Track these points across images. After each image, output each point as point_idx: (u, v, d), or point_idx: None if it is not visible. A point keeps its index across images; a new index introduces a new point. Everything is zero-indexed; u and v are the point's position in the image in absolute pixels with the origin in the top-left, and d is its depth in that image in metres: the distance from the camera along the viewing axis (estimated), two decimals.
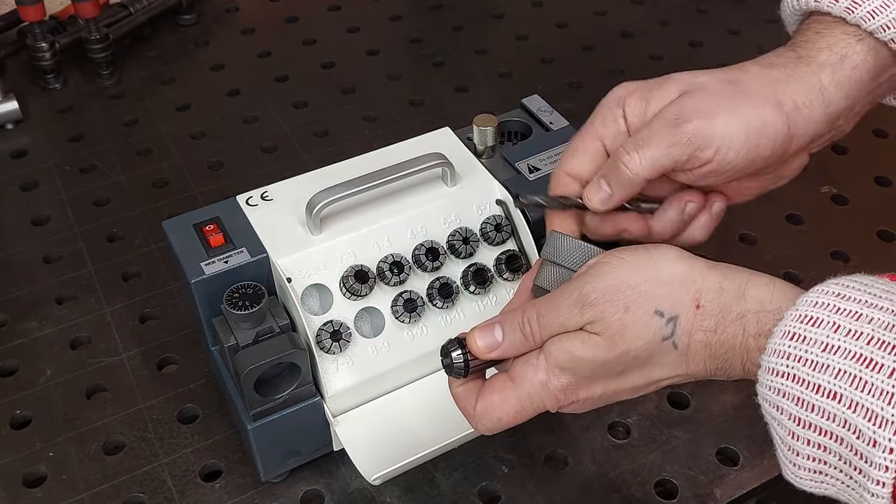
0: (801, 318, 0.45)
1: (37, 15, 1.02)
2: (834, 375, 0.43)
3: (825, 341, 0.44)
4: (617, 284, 0.50)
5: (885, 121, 1.01)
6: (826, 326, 0.44)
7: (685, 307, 0.49)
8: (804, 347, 0.44)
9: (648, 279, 0.50)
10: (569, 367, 0.51)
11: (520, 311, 0.53)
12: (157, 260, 0.87)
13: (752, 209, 0.91)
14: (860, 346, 0.43)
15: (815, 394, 0.43)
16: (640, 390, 0.53)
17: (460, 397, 0.55)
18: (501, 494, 0.68)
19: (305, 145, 1.00)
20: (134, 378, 0.76)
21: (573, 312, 0.50)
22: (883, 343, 0.42)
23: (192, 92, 1.08)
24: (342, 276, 0.64)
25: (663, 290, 0.50)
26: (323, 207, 0.63)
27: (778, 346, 0.45)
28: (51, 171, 0.97)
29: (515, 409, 0.53)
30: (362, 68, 1.11)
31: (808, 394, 0.44)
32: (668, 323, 0.49)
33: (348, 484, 0.69)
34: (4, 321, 0.82)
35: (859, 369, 0.42)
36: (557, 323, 0.51)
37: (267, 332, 0.61)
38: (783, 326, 0.45)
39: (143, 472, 0.70)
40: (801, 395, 0.44)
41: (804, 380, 0.44)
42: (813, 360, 0.44)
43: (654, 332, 0.49)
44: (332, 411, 0.65)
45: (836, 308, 0.45)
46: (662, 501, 0.67)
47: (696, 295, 0.49)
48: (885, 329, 0.43)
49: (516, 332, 0.52)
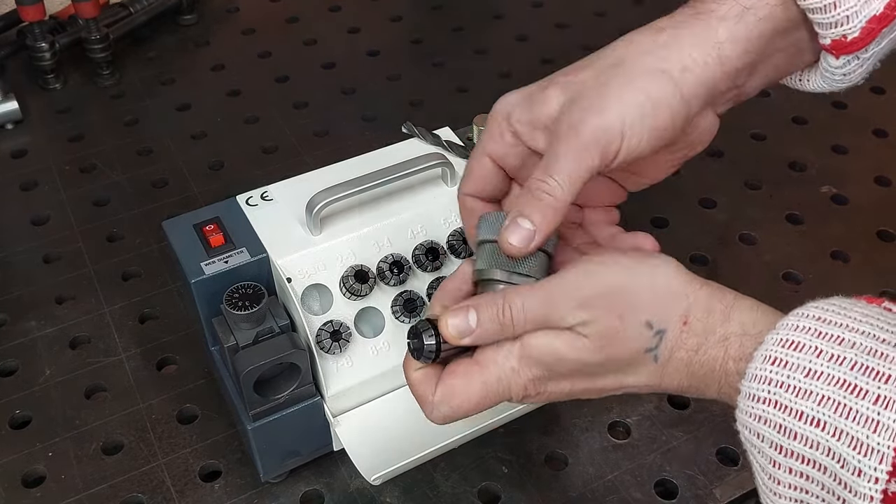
0: (782, 342, 0.44)
1: (37, 15, 1.02)
2: (817, 402, 0.42)
3: (807, 366, 0.42)
4: (615, 290, 0.49)
5: (885, 121, 1.01)
6: (808, 351, 0.43)
7: (674, 322, 0.49)
8: (786, 372, 0.43)
9: (646, 289, 0.49)
10: (547, 361, 0.50)
11: (499, 298, 0.50)
12: (157, 260, 0.87)
13: (751, 209, 0.91)
14: (843, 372, 0.41)
15: (798, 420, 0.42)
16: (608, 392, 0.52)
17: (418, 382, 0.52)
18: (501, 495, 0.68)
19: (305, 145, 1.00)
20: (133, 378, 0.76)
21: (567, 310, 0.49)
22: (867, 368, 0.41)
23: (192, 92, 1.08)
24: (342, 276, 0.64)
25: (658, 303, 0.49)
26: (323, 207, 0.63)
27: (759, 370, 0.44)
28: (51, 170, 0.97)
29: (479, 395, 0.51)
30: (362, 68, 1.11)
31: (791, 420, 0.42)
32: (655, 335, 0.49)
33: (348, 484, 0.69)
34: (4, 321, 0.82)
35: (843, 395, 0.41)
36: (545, 317, 0.49)
37: (267, 333, 0.61)
38: (764, 351, 0.44)
39: (143, 472, 0.70)
40: (783, 421, 0.43)
41: (786, 406, 0.43)
42: (795, 386, 0.42)
43: (641, 342, 0.49)
44: (332, 411, 0.65)
45: (818, 332, 0.43)
46: (662, 502, 0.67)
47: (686, 312, 0.48)
48: (869, 354, 0.41)
49: (493, 322, 0.50)
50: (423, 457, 0.63)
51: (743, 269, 0.85)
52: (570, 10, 1.20)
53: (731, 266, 0.85)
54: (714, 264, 0.85)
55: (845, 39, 0.53)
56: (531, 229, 0.50)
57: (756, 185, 0.94)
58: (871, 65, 0.55)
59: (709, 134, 0.58)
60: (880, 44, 0.54)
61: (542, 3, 1.22)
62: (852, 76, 0.56)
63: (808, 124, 1.02)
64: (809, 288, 0.83)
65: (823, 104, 1.04)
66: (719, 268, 0.85)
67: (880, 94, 1.06)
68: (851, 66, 0.55)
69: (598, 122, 0.51)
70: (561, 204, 0.51)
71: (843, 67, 0.55)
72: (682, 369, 0.49)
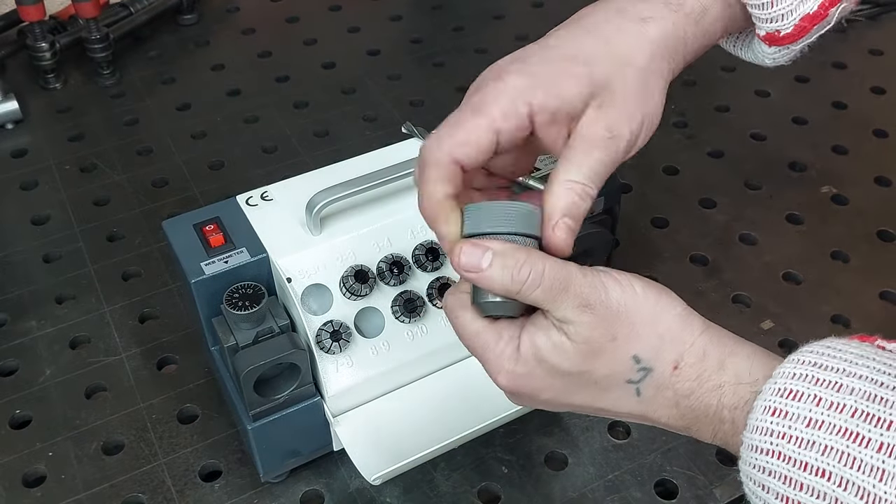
0: (781, 391, 0.44)
1: (37, 15, 1.02)
2: (821, 452, 0.41)
3: (808, 416, 0.42)
4: (619, 312, 0.48)
5: (885, 121, 1.01)
6: (807, 400, 0.43)
7: (663, 365, 0.48)
8: (787, 423, 0.43)
9: (647, 323, 0.49)
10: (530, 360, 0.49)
11: (523, 254, 0.48)
12: (157, 260, 0.87)
13: (751, 209, 0.91)
14: (845, 420, 0.41)
15: (803, 472, 0.42)
16: (583, 410, 0.52)
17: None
18: (501, 494, 0.68)
19: (305, 145, 1.00)
20: (133, 378, 0.76)
21: (571, 304, 0.48)
22: (868, 416, 0.41)
23: (192, 92, 1.08)
24: (342, 276, 0.64)
25: (653, 342, 0.48)
26: (323, 207, 0.63)
27: (760, 422, 0.44)
28: (51, 170, 0.97)
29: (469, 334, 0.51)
30: (362, 68, 1.11)
31: (796, 472, 0.42)
32: (640, 370, 0.48)
33: (348, 484, 0.69)
34: (4, 321, 0.82)
35: (847, 444, 0.41)
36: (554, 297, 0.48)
37: (267, 333, 0.61)
38: (763, 401, 0.44)
39: (143, 471, 0.70)
40: (788, 473, 0.42)
41: (790, 457, 0.42)
42: (798, 437, 0.42)
43: (623, 370, 0.49)
44: (332, 411, 0.65)
45: (815, 379, 0.43)
46: (662, 502, 0.67)
47: (679, 357, 0.48)
48: (868, 400, 0.41)
49: (506, 272, 0.48)
50: (423, 457, 0.63)
51: (743, 269, 0.85)
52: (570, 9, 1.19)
53: (731, 266, 0.85)
54: (714, 264, 0.85)
55: (778, 34, 0.57)
56: (575, 229, 0.51)
57: (756, 186, 0.94)
58: (798, 52, 0.60)
59: None
60: (811, 38, 0.58)
61: (542, 3, 1.22)
62: (780, 60, 0.61)
63: (808, 124, 1.02)
64: (809, 288, 0.83)
65: (823, 104, 1.04)
66: (719, 268, 0.85)
67: (880, 95, 1.06)
68: (781, 54, 0.60)
69: (631, 129, 0.52)
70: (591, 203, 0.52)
71: (773, 54, 0.60)
72: (669, 409, 0.49)
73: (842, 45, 1.13)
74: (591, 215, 0.72)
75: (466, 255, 0.49)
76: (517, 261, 0.48)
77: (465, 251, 0.49)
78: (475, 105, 0.52)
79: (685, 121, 1.02)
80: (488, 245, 0.49)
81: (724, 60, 1.09)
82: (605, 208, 0.73)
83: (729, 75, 1.08)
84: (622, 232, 0.78)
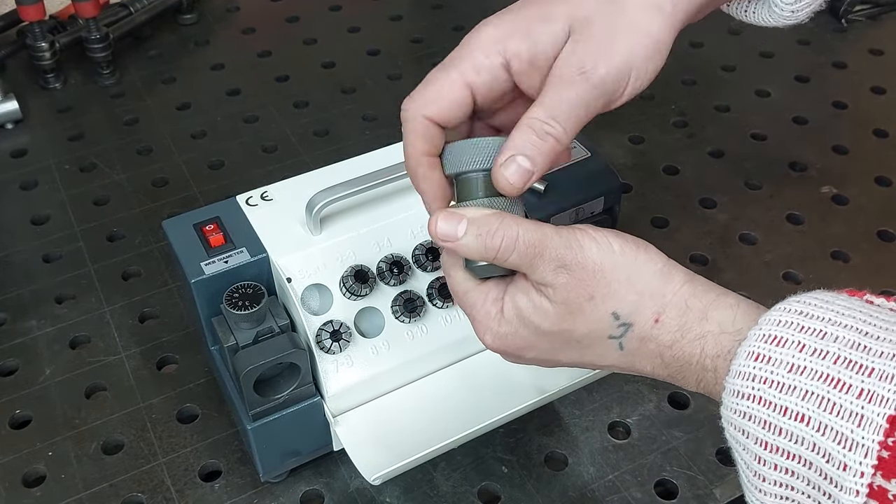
0: (765, 337, 0.43)
1: (37, 14, 1.01)
2: (801, 397, 0.41)
3: (791, 361, 0.42)
4: (595, 270, 0.48)
5: (885, 121, 1.01)
6: (791, 346, 0.42)
7: (644, 319, 0.48)
8: (769, 368, 0.42)
9: (624, 280, 0.49)
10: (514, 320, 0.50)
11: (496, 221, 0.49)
12: (157, 260, 0.87)
13: (751, 209, 0.91)
14: (827, 366, 0.41)
15: (783, 416, 0.42)
16: (572, 364, 0.53)
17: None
18: (501, 494, 0.68)
19: (305, 145, 1.00)
20: (133, 377, 0.76)
21: (548, 266, 0.49)
22: (850, 362, 0.41)
23: (192, 91, 1.08)
24: (342, 276, 0.64)
25: (631, 297, 0.49)
26: (323, 207, 0.63)
27: (742, 367, 0.43)
28: (51, 170, 0.97)
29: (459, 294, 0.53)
30: (363, 68, 1.11)
31: (775, 416, 0.42)
32: (619, 326, 0.49)
33: (348, 484, 0.69)
34: (4, 320, 0.82)
35: (827, 390, 0.41)
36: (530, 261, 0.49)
37: (267, 332, 0.61)
38: (747, 347, 0.44)
39: (143, 471, 0.70)
40: (768, 418, 0.42)
41: (770, 402, 0.42)
42: (779, 382, 0.42)
43: (603, 327, 0.49)
44: (332, 411, 0.65)
45: (800, 326, 0.43)
46: (662, 502, 0.67)
47: (660, 310, 0.48)
48: (852, 348, 0.41)
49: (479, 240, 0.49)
50: (423, 457, 0.63)
51: (743, 269, 0.85)
52: None
53: (731, 266, 0.85)
54: (714, 264, 0.85)
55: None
56: (530, 170, 0.50)
57: (756, 185, 0.94)
58: (818, 4, 0.58)
59: None
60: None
61: None
62: (799, 14, 0.59)
63: (808, 124, 1.02)
64: (809, 288, 0.83)
65: (823, 104, 1.04)
66: (719, 268, 0.85)
67: (880, 94, 1.06)
68: (801, 4, 0.58)
69: (608, 68, 0.50)
70: (561, 148, 0.50)
71: (792, 4, 0.58)
72: (654, 359, 0.49)
73: (842, 45, 1.13)
74: (591, 215, 0.72)
75: (442, 224, 0.50)
76: (490, 228, 0.49)
77: (440, 220, 0.50)
78: (447, 61, 0.52)
79: (685, 121, 1.02)
80: (463, 213, 0.50)
81: (724, 60, 1.09)
82: (605, 208, 0.73)
83: (729, 75, 1.08)
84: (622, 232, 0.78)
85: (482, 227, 0.49)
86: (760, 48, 1.12)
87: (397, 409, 0.66)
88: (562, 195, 0.70)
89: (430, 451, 0.63)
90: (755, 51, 1.11)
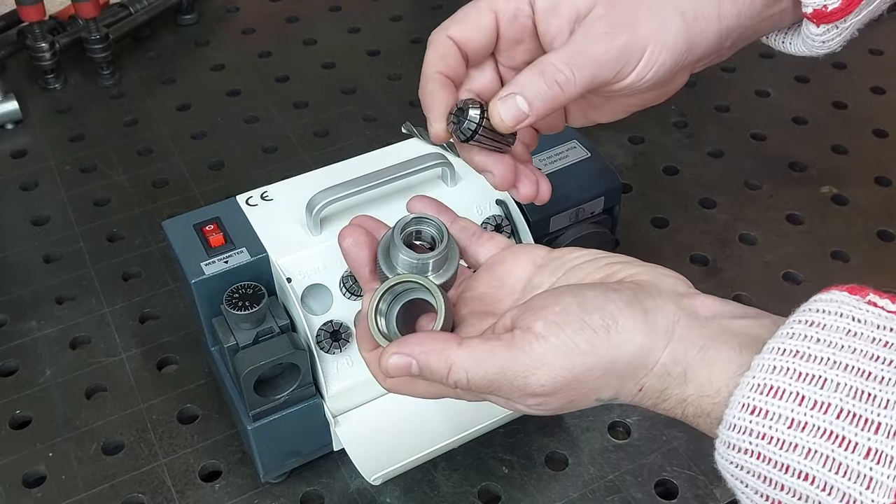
0: (760, 387, 0.40)
1: (37, 15, 1.01)
2: (804, 455, 0.39)
3: (790, 416, 0.39)
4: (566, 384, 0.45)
5: (885, 121, 1.01)
6: (789, 398, 0.39)
7: (627, 392, 0.46)
8: (767, 423, 0.40)
9: (602, 374, 0.45)
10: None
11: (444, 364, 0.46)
12: (157, 260, 0.87)
13: (751, 209, 0.91)
14: (829, 422, 0.38)
15: (784, 473, 0.39)
16: None
17: (370, 362, 0.51)
18: (501, 495, 0.68)
19: (305, 145, 1.00)
20: (134, 378, 0.76)
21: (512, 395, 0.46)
22: (854, 417, 0.38)
23: (192, 92, 1.08)
24: (342, 276, 0.64)
25: (613, 383, 0.45)
26: (323, 207, 0.63)
27: (737, 419, 0.41)
28: (51, 170, 0.97)
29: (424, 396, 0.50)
30: (363, 68, 1.11)
31: (776, 473, 0.40)
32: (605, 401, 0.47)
33: (348, 484, 0.69)
34: (4, 321, 0.82)
35: (832, 449, 0.38)
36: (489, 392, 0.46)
37: (267, 333, 0.61)
38: (741, 398, 0.41)
39: (143, 472, 0.70)
40: (768, 474, 0.40)
41: (770, 458, 0.40)
42: (778, 439, 0.39)
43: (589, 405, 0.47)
44: (332, 411, 0.65)
45: (797, 373, 0.40)
46: (663, 502, 0.67)
47: (643, 382, 0.45)
48: (854, 398, 0.38)
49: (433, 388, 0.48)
50: (423, 457, 0.63)
51: (743, 269, 0.85)
52: None
53: (731, 266, 0.85)
54: (714, 264, 0.85)
55: (825, 9, 0.56)
56: (525, 112, 0.50)
57: (756, 185, 0.94)
58: (849, 34, 0.58)
59: (675, 89, 0.58)
60: (859, 15, 0.57)
61: None
62: (831, 44, 0.59)
63: (808, 124, 1.02)
64: (809, 288, 0.83)
65: (823, 104, 1.04)
66: (719, 268, 0.85)
67: (880, 95, 1.06)
68: (830, 35, 0.58)
69: (630, 40, 0.51)
70: (565, 98, 0.50)
71: (822, 35, 0.58)
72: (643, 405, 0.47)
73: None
74: (591, 215, 0.72)
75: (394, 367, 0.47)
76: (441, 376, 0.46)
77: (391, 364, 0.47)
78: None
79: (685, 121, 1.02)
80: (413, 356, 0.46)
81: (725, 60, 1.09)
82: (605, 208, 0.73)
83: (729, 75, 1.08)
84: (622, 232, 0.78)
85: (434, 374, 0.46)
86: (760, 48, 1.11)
87: (397, 409, 0.66)
88: (562, 195, 0.70)
89: (430, 451, 0.63)
90: (755, 51, 1.11)
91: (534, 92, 0.50)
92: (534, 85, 0.50)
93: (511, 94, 0.50)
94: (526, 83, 0.50)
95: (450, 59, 0.52)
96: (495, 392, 0.46)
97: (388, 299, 0.50)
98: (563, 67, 0.50)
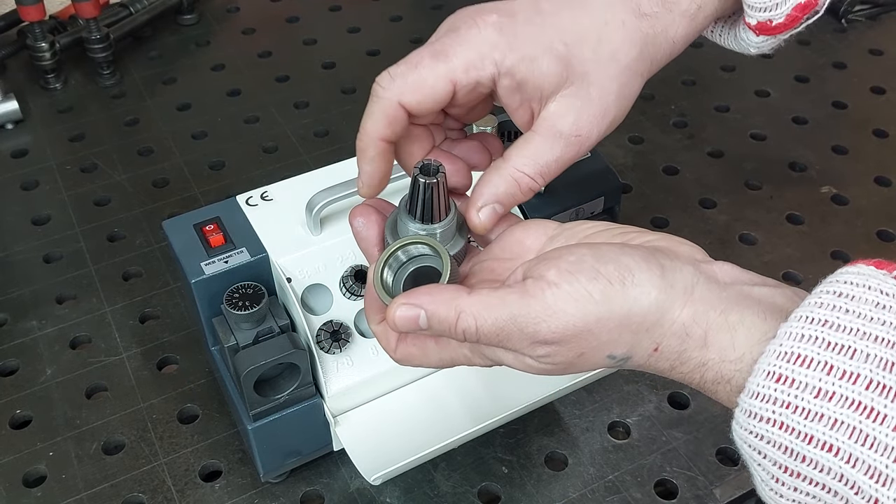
0: (786, 355, 0.39)
1: (37, 15, 1.02)
2: (830, 426, 0.38)
3: (818, 386, 0.38)
4: (578, 332, 0.44)
5: (885, 121, 1.01)
6: (817, 367, 0.39)
7: (642, 351, 0.45)
8: (793, 392, 0.39)
9: (615, 327, 0.44)
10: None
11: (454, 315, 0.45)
12: (158, 260, 0.87)
13: (751, 209, 0.91)
14: (858, 393, 0.38)
15: (807, 444, 0.39)
16: None
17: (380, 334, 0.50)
18: (501, 495, 0.68)
19: (305, 145, 1.00)
20: (134, 378, 0.77)
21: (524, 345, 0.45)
22: (884, 388, 0.37)
23: (192, 92, 1.08)
24: (342, 276, 0.64)
25: (626, 339, 0.44)
26: (323, 207, 0.63)
27: (761, 388, 0.40)
28: (51, 170, 0.97)
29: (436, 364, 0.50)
30: (363, 68, 1.11)
31: (799, 444, 0.39)
32: (617, 361, 0.46)
33: (348, 484, 0.69)
34: (4, 321, 0.82)
35: (859, 420, 0.37)
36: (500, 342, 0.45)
37: (267, 333, 0.61)
38: (766, 365, 0.40)
39: (143, 471, 0.70)
40: (790, 444, 0.39)
41: (794, 429, 0.39)
42: (804, 408, 0.38)
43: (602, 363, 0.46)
44: (332, 411, 0.65)
45: (827, 343, 0.39)
46: (662, 502, 0.67)
47: (659, 340, 0.44)
48: (884, 369, 0.38)
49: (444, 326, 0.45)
50: (423, 457, 0.63)
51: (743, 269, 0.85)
52: None
53: None
54: None
55: (770, 23, 0.56)
56: (501, 214, 0.51)
57: (756, 185, 0.94)
58: (780, 41, 0.59)
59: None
60: (800, 28, 0.57)
61: None
62: (763, 47, 0.60)
63: (808, 124, 1.02)
64: (809, 288, 0.83)
65: (823, 104, 1.04)
66: None
67: (880, 95, 1.06)
68: (767, 43, 0.59)
69: (599, 132, 0.52)
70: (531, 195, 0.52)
71: (759, 43, 0.59)
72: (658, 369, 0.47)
73: (842, 45, 1.13)
74: (591, 215, 0.72)
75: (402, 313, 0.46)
76: (449, 324, 0.45)
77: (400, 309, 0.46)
78: (439, 49, 0.50)
79: (685, 121, 1.02)
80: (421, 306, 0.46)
81: (724, 60, 1.09)
82: (605, 208, 0.73)
83: (729, 75, 1.08)
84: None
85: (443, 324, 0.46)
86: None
87: (397, 409, 0.66)
88: (562, 195, 0.70)
89: (430, 451, 0.63)
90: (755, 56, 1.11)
91: (510, 200, 0.51)
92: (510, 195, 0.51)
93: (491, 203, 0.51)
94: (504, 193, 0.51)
95: (397, 125, 0.51)
96: (504, 342, 0.45)
97: (395, 267, 0.49)
98: (536, 178, 0.51)
